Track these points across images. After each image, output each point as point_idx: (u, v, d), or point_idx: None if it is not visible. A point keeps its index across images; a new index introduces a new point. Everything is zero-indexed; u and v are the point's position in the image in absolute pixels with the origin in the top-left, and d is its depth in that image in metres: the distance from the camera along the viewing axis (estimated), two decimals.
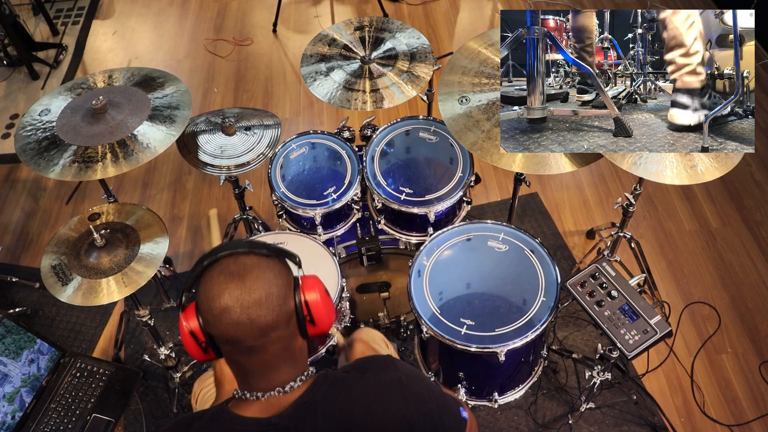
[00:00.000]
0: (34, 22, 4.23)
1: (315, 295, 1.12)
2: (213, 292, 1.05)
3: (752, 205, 2.99)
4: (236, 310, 1.03)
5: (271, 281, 1.06)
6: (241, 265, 1.06)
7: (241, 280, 1.04)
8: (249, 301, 1.04)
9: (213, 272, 1.07)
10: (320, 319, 1.13)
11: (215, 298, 1.04)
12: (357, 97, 2.20)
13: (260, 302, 1.04)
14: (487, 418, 2.34)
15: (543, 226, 2.95)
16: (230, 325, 1.04)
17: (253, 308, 1.04)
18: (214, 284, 1.06)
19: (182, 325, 1.10)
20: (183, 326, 1.10)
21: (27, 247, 3.04)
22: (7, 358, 2.16)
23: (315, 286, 1.13)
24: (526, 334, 1.85)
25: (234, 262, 1.06)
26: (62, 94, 2.16)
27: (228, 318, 1.04)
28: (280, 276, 1.08)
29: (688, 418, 2.36)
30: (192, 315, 1.10)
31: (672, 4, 4.09)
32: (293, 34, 4.13)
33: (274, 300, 1.06)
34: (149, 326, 2.14)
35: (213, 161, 2.15)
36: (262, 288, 1.05)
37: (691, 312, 2.64)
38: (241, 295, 1.03)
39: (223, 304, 1.04)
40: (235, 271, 1.05)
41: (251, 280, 1.05)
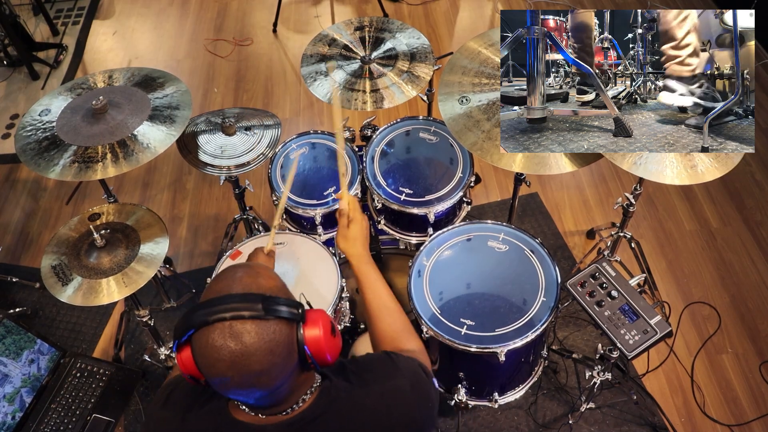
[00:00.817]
0: (35, 22, 4.23)
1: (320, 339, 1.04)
2: (209, 360, 0.99)
3: (752, 205, 2.99)
4: (235, 380, 0.99)
5: (273, 351, 0.99)
6: (237, 333, 0.97)
7: (240, 350, 0.97)
8: (249, 372, 0.98)
9: (207, 336, 0.98)
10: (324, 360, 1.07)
11: (212, 367, 0.99)
12: (357, 97, 2.20)
13: (261, 372, 0.99)
14: (488, 418, 2.34)
15: (543, 226, 2.95)
16: (232, 389, 1.01)
17: (254, 378, 0.99)
18: (209, 350, 0.98)
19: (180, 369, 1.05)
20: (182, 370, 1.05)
21: (27, 247, 3.04)
22: (7, 359, 2.16)
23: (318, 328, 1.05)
24: (527, 334, 1.85)
25: (230, 329, 0.97)
26: (62, 94, 2.16)
27: (227, 386, 1.01)
28: (281, 338, 1.01)
29: (688, 418, 2.36)
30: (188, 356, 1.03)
31: (672, 4, 4.09)
32: (293, 34, 4.13)
33: (276, 369, 1.01)
34: (149, 326, 2.14)
35: (213, 161, 2.15)
36: (263, 360, 0.98)
37: (691, 312, 2.64)
38: (240, 368, 0.98)
39: (220, 374, 0.99)
40: (231, 339, 0.97)
41: (251, 351, 0.97)
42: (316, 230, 2.28)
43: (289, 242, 2.13)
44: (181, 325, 1.01)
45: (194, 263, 2.93)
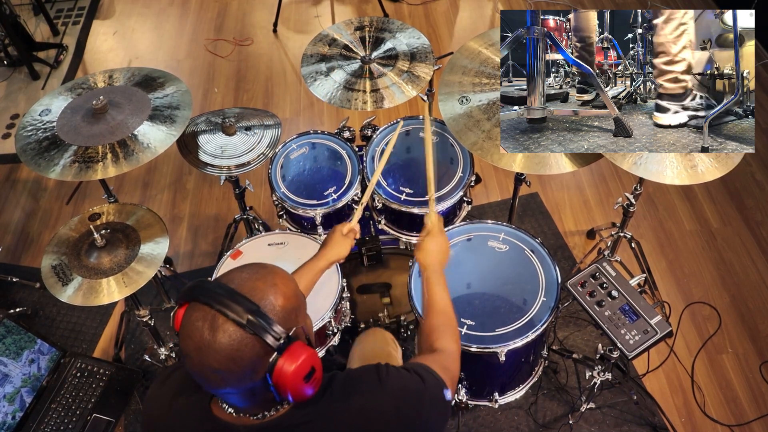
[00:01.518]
0: (35, 22, 4.23)
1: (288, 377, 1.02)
2: (184, 331, 1.02)
3: (753, 205, 2.99)
4: (195, 362, 1.01)
5: (235, 359, 0.99)
6: (214, 325, 0.99)
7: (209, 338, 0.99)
8: (207, 364, 0.99)
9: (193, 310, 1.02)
10: (284, 395, 1.04)
11: (183, 339, 1.02)
12: (357, 97, 2.20)
13: (217, 371, 1.00)
14: (488, 418, 2.34)
15: (543, 226, 2.95)
16: (190, 369, 1.03)
17: (209, 373, 1.00)
18: (187, 324, 1.02)
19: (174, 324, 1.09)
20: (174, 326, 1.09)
21: (27, 247, 3.04)
22: (7, 358, 2.16)
23: (292, 368, 1.02)
24: (527, 334, 1.85)
25: (211, 318, 0.99)
26: (63, 94, 2.16)
27: (188, 363, 1.02)
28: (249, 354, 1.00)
29: (688, 418, 2.36)
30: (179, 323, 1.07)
31: (672, 4, 4.09)
32: (293, 34, 4.13)
33: (232, 375, 1.00)
34: (149, 326, 2.14)
35: (213, 161, 2.15)
36: (224, 359, 0.99)
37: (691, 312, 2.64)
38: (201, 355, 0.99)
39: (186, 349, 1.01)
40: (208, 327, 0.99)
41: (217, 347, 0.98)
42: (316, 230, 2.28)
43: (289, 242, 2.13)
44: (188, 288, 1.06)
45: (194, 263, 2.93)
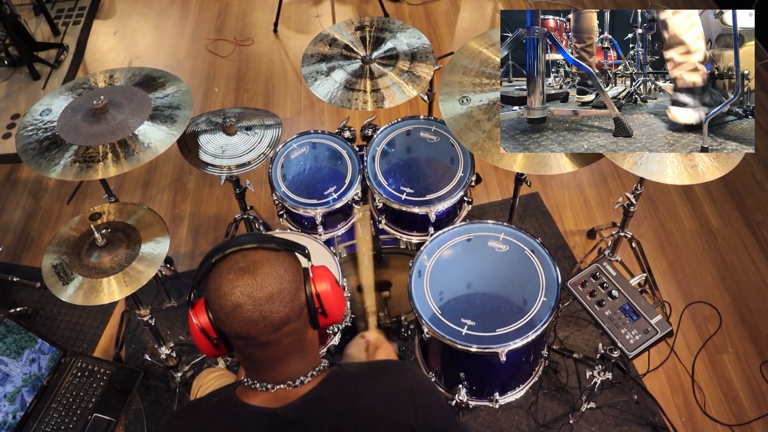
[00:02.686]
0: (35, 22, 4.23)
1: (325, 286, 1.11)
2: (223, 290, 1.04)
3: (753, 205, 2.99)
4: (248, 306, 1.03)
5: (282, 276, 1.05)
6: (250, 261, 1.05)
7: (251, 276, 1.03)
8: (261, 298, 1.03)
9: (222, 269, 1.06)
10: (331, 310, 1.13)
11: (226, 296, 1.04)
12: (358, 96, 2.20)
13: (272, 298, 1.03)
14: (488, 418, 2.34)
15: (544, 225, 2.95)
16: (243, 322, 1.04)
17: (266, 304, 1.03)
18: (224, 282, 1.04)
19: (192, 322, 1.10)
20: (193, 323, 1.10)
21: (28, 246, 3.05)
22: (8, 358, 2.16)
23: (325, 277, 1.12)
24: (527, 334, 1.85)
25: (243, 258, 1.05)
26: (63, 94, 2.16)
27: (240, 315, 1.03)
28: (290, 270, 1.07)
29: (689, 418, 2.36)
30: (202, 312, 1.09)
31: (672, 4, 4.09)
32: (294, 34, 4.13)
33: (285, 295, 1.05)
34: (150, 326, 2.14)
35: (214, 161, 2.15)
36: (273, 283, 1.04)
37: (691, 312, 2.64)
38: (252, 292, 1.03)
39: (234, 302, 1.03)
40: (245, 267, 1.04)
41: (262, 276, 1.04)
42: (316, 230, 2.28)
43: None
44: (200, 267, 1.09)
45: (195, 263, 2.93)
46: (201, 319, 1.09)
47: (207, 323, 1.09)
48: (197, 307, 1.10)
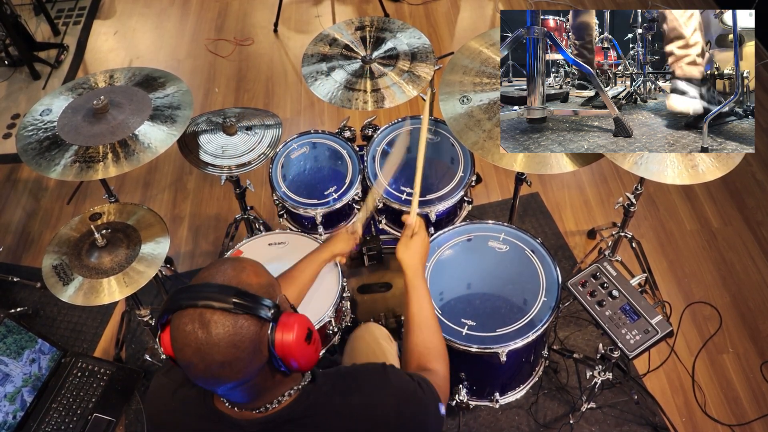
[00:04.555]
0: (36, 22, 4.23)
1: (291, 343, 1.04)
2: (178, 344, 1.01)
3: (753, 205, 2.99)
4: (200, 367, 1.00)
5: (237, 344, 1.00)
6: (205, 322, 0.99)
7: (205, 337, 0.99)
8: (212, 363, 0.99)
9: (179, 320, 1.01)
10: (297, 366, 1.07)
11: (180, 350, 1.01)
12: (358, 96, 2.20)
13: (224, 365, 1.00)
14: (489, 418, 2.34)
15: (544, 225, 2.95)
16: (196, 377, 1.03)
17: (218, 370, 1.00)
18: (179, 334, 1.01)
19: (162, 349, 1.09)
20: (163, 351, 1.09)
21: (28, 247, 3.05)
22: (8, 358, 2.16)
23: (292, 333, 1.04)
24: (527, 334, 1.85)
25: (199, 317, 1.00)
26: (63, 94, 2.17)
27: (193, 372, 1.02)
28: (248, 334, 1.01)
29: (689, 418, 2.35)
30: (167, 343, 1.06)
31: (673, 4, 4.09)
32: (294, 34, 4.13)
33: (239, 363, 1.01)
34: (150, 326, 2.14)
35: (214, 161, 2.15)
36: (226, 350, 0.99)
37: (692, 312, 2.64)
38: (204, 356, 0.99)
39: (187, 359, 1.01)
40: (199, 328, 0.99)
41: (215, 341, 0.99)
42: (317, 230, 2.28)
43: (290, 242, 2.13)
44: (163, 307, 1.05)
45: (195, 263, 2.93)
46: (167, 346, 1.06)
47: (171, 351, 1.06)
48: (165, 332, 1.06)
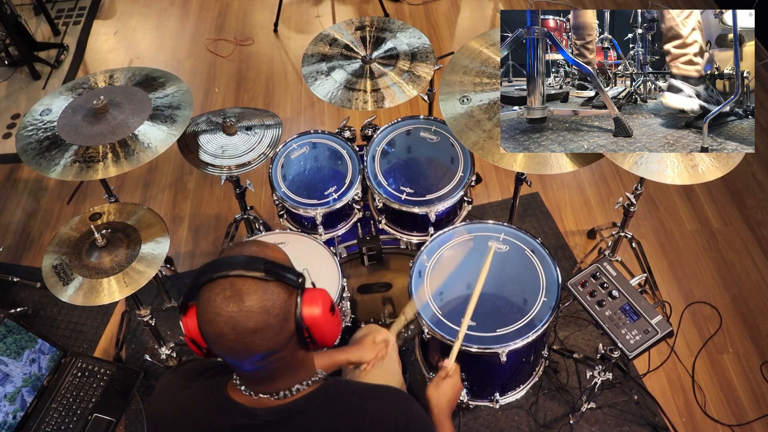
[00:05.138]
0: (36, 22, 4.23)
1: (316, 315, 1.07)
2: (208, 316, 1.02)
3: (754, 205, 2.99)
4: (231, 337, 1.01)
5: (268, 310, 1.02)
6: (237, 290, 1.01)
7: (237, 307, 1.00)
8: (244, 331, 1.00)
9: (210, 293, 1.03)
10: (322, 339, 1.10)
11: (210, 323, 1.02)
12: (358, 96, 2.20)
13: (256, 332, 1.01)
14: (489, 418, 2.34)
15: (544, 225, 2.95)
16: (226, 350, 1.04)
17: (249, 337, 1.01)
18: (209, 306, 1.02)
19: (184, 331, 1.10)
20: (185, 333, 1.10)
21: (28, 247, 3.05)
22: (8, 358, 2.16)
23: (317, 305, 1.07)
24: (528, 334, 1.85)
25: (230, 286, 1.01)
26: (63, 93, 2.17)
27: (223, 344, 1.02)
28: (277, 303, 1.03)
29: (689, 418, 2.35)
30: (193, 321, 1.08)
31: (673, 4, 4.09)
32: (294, 34, 4.13)
33: (270, 330, 1.02)
34: (150, 326, 2.14)
35: (214, 161, 2.15)
36: (258, 318, 1.01)
37: (692, 312, 2.64)
38: (236, 324, 1.00)
39: (218, 330, 1.01)
40: (231, 297, 1.01)
41: (247, 308, 1.00)
42: (316, 230, 2.28)
43: (290, 242, 2.13)
44: (190, 284, 1.06)
45: (195, 263, 2.93)
46: (191, 329, 1.08)
47: (197, 333, 1.08)
48: (189, 315, 1.09)
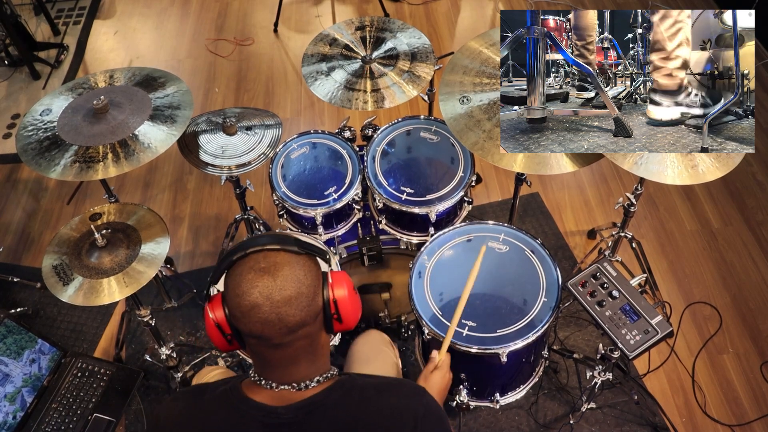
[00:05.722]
0: (36, 22, 4.23)
1: (343, 292, 1.12)
2: (242, 289, 1.05)
3: (754, 205, 2.99)
4: (265, 308, 1.04)
5: (301, 280, 1.06)
6: (271, 262, 1.06)
7: (271, 278, 1.04)
8: (279, 300, 1.04)
9: (242, 267, 1.07)
10: (347, 316, 1.14)
11: (244, 295, 1.05)
12: (358, 96, 2.20)
13: (290, 301, 1.04)
14: (489, 419, 2.34)
15: (544, 226, 2.95)
16: (258, 322, 1.05)
17: (283, 307, 1.04)
18: (243, 280, 1.05)
19: (208, 316, 1.11)
20: (209, 317, 1.11)
21: (28, 247, 3.05)
22: (8, 358, 2.16)
23: (343, 283, 1.13)
24: (528, 335, 1.84)
25: (264, 259, 1.06)
26: (63, 93, 2.16)
27: (257, 315, 1.04)
28: (309, 274, 1.08)
29: (689, 418, 2.35)
30: (218, 307, 1.10)
31: (673, 4, 4.09)
32: (294, 34, 4.13)
33: (303, 299, 1.06)
34: (150, 326, 2.14)
35: (214, 161, 2.15)
36: (292, 286, 1.05)
37: (692, 312, 2.64)
38: (271, 293, 1.04)
39: (252, 301, 1.04)
40: (265, 268, 1.05)
41: (281, 278, 1.05)
42: (316, 230, 2.28)
43: None
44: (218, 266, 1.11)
45: (195, 263, 2.93)
46: (217, 314, 1.10)
47: (222, 318, 1.10)
48: (214, 301, 1.11)
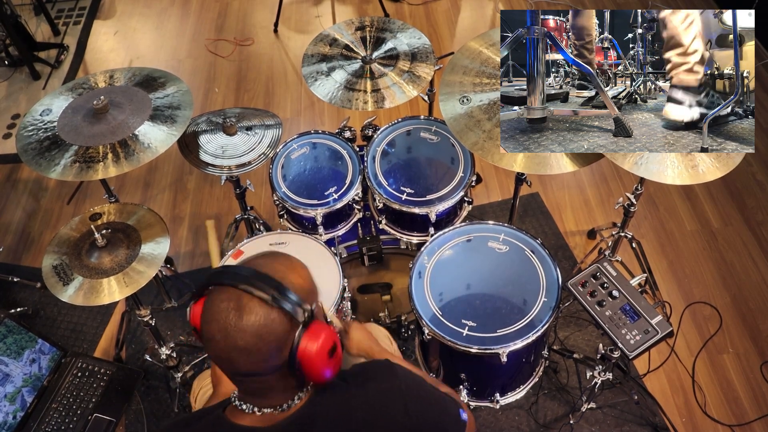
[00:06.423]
0: (36, 22, 4.23)
1: (312, 352, 1.04)
2: (208, 316, 1.03)
3: (754, 205, 2.99)
4: (220, 345, 1.01)
5: (262, 336, 1.00)
6: (240, 305, 1.01)
7: (236, 317, 1.00)
8: (233, 345, 1.00)
9: (217, 296, 1.04)
10: (312, 376, 1.08)
11: (207, 323, 1.03)
12: (358, 97, 2.20)
13: (243, 350, 1.01)
14: (489, 419, 2.34)
15: (544, 226, 2.95)
16: (213, 355, 1.04)
17: (235, 353, 1.01)
18: (212, 309, 1.03)
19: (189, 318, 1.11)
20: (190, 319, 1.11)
21: (28, 247, 3.05)
22: (8, 358, 2.16)
23: (317, 342, 1.05)
24: (528, 335, 1.85)
25: (236, 298, 1.01)
26: (63, 94, 2.17)
27: (212, 348, 1.03)
28: (276, 329, 1.02)
29: (689, 418, 2.35)
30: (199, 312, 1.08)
31: (673, 4, 4.09)
32: (294, 34, 4.13)
33: (258, 355, 1.01)
34: (150, 326, 2.14)
35: (214, 161, 2.15)
36: (250, 338, 1.00)
37: (692, 312, 2.64)
38: (228, 334, 1.00)
39: (210, 334, 1.02)
40: (233, 309, 1.01)
41: (243, 326, 1.00)
42: (317, 230, 2.28)
43: (290, 242, 2.13)
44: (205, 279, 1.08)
45: (195, 263, 2.93)
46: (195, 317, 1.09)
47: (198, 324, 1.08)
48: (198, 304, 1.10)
